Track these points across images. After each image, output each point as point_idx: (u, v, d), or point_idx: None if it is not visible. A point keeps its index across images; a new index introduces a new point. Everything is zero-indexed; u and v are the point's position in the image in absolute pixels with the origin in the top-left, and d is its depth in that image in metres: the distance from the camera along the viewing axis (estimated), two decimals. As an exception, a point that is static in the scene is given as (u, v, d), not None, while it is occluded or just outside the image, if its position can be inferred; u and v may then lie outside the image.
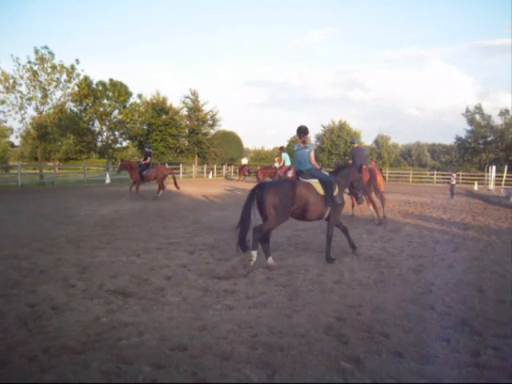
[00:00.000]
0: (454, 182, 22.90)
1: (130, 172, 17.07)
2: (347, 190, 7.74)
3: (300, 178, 7.03)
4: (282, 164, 17.37)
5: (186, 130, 42.45)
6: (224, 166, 42.27)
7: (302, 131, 7.18)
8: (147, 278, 5.67)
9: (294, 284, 5.54)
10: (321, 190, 6.84)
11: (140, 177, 16.70)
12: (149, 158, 17.09)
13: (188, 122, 42.44)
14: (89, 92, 31.45)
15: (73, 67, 27.43)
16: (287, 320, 4.28)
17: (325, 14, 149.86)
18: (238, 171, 33.40)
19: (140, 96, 39.25)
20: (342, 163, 8.48)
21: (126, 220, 11.06)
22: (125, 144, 39.10)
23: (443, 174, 39.51)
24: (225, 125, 61.45)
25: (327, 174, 7.21)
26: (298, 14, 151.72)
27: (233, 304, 4.75)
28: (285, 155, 17.58)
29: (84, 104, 32.06)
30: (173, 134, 39.74)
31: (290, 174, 17.21)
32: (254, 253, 6.43)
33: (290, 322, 4.22)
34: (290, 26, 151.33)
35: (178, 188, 17.81)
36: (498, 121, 43.90)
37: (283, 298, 5.01)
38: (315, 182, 6.91)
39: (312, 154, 7.16)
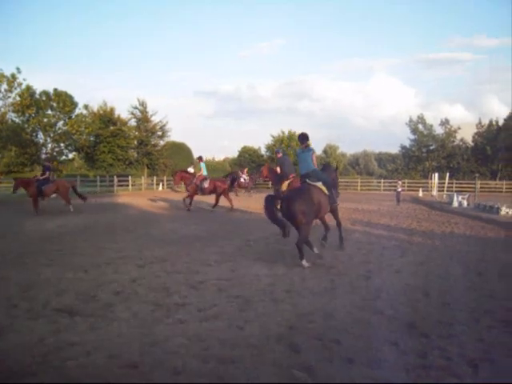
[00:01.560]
0: (399, 190, 23.78)
1: (27, 189, 15.90)
2: None
3: (308, 181, 7.73)
4: (200, 173, 17.68)
5: (135, 141, 41.67)
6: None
7: (304, 137, 8.15)
8: (95, 295, 5.48)
9: (245, 295, 5.52)
10: (325, 191, 7.77)
11: (39, 192, 15.65)
12: (47, 173, 16.10)
13: (137, 133, 41.70)
14: (31, 102, 30.35)
15: (14, 76, 26.42)
16: (239, 331, 4.26)
17: (273, 25, 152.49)
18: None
19: (86, 106, 38.14)
20: (323, 165, 8.77)
21: (73, 235, 10.67)
22: (71, 156, 37.96)
23: (390, 182, 40.93)
24: (174, 136, 60.75)
25: (325, 176, 8.06)
26: (246, 24, 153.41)
27: (184, 318, 4.66)
28: (203, 165, 18.16)
29: (26, 115, 30.91)
30: (121, 146, 38.84)
31: (205, 184, 17.37)
32: (304, 261, 7.08)
33: (242, 334, 4.20)
34: (239, 36, 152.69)
35: (83, 199, 17.02)
36: (439, 130, 46.41)
37: (235, 309, 4.98)
38: (320, 184, 7.75)
39: (314, 157, 8.08)
